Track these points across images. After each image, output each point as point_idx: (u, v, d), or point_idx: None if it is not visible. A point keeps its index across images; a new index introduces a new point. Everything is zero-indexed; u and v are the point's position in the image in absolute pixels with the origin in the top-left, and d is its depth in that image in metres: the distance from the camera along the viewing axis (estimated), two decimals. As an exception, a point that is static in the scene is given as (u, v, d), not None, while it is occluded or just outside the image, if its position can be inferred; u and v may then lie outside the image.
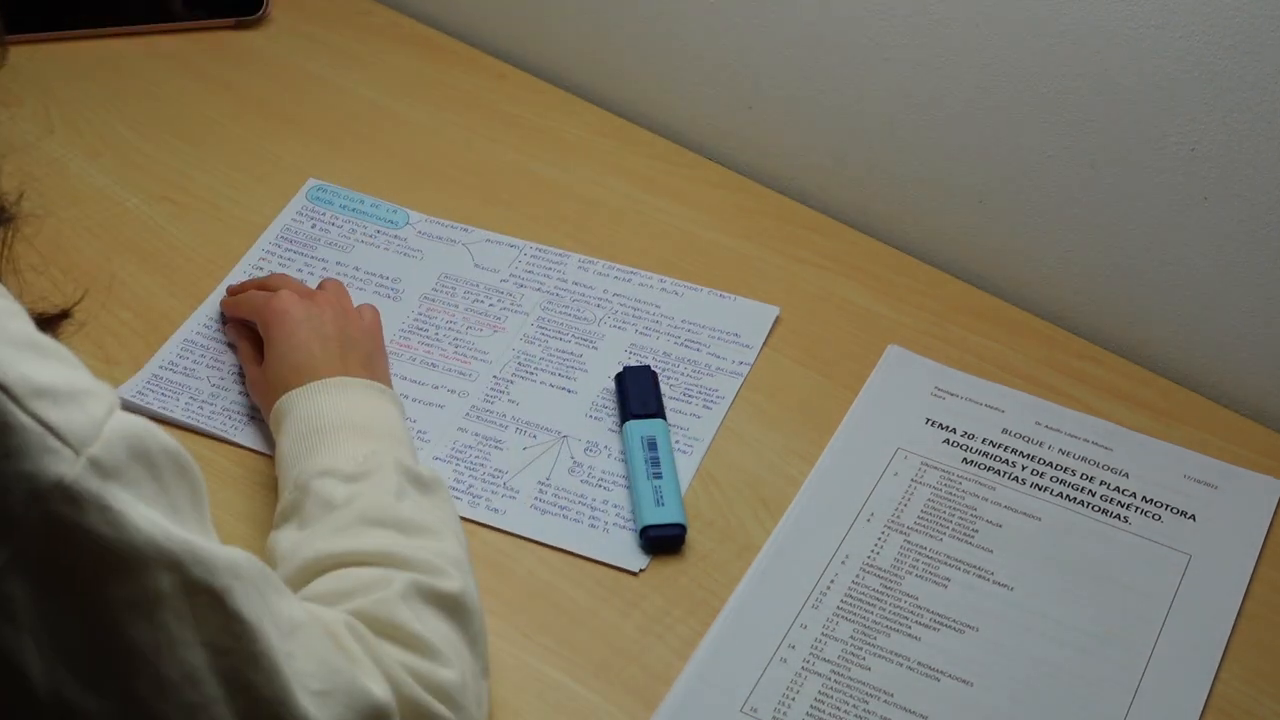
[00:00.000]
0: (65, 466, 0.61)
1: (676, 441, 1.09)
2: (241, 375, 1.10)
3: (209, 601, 0.66)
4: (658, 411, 1.09)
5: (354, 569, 0.86)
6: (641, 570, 1.01)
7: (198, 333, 1.14)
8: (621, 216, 1.27)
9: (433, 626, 0.83)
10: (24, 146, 1.28)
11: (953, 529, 1.04)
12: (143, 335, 1.14)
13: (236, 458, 1.06)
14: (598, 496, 1.05)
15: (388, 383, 1.04)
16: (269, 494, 1.03)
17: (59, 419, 0.62)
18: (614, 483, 1.06)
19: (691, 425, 1.10)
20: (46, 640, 0.63)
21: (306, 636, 0.73)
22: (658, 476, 1.04)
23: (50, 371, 0.63)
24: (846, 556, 1.02)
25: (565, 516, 1.04)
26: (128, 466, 0.64)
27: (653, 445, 1.06)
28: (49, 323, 0.83)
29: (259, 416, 1.07)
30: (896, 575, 1.01)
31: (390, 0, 1.48)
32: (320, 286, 1.10)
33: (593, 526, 1.03)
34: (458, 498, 1.05)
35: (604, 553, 1.02)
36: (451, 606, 0.85)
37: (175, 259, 1.20)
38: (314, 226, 1.24)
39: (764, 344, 1.16)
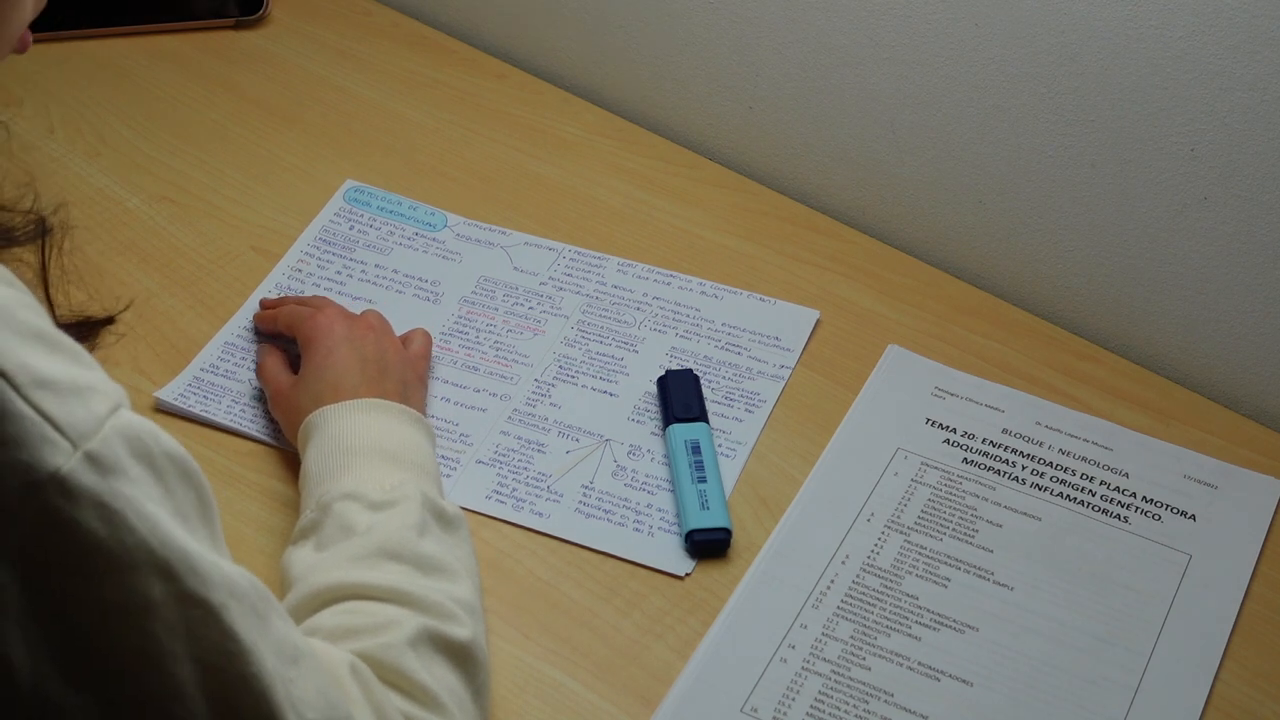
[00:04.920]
0: (62, 459, 0.61)
1: (719, 445, 1.09)
2: (259, 395, 1.10)
3: (203, 616, 0.65)
4: (700, 415, 1.09)
5: (364, 603, 0.85)
6: (688, 574, 1.01)
7: (238, 335, 1.14)
8: (621, 216, 1.27)
9: (439, 677, 0.82)
10: (24, 146, 1.28)
11: (953, 529, 1.04)
12: (143, 336, 1.14)
13: (259, 467, 1.06)
14: (641, 500, 1.05)
15: (423, 413, 1.03)
16: (295, 506, 1.03)
17: (58, 411, 0.61)
18: (658, 486, 1.06)
19: (734, 429, 1.10)
20: (33, 632, 0.62)
21: (309, 666, 0.72)
22: (702, 480, 1.04)
23: (56, 365, 0.62)
24: (846, 556, 1.02)
25: (609, 520, 1.04)
26: (129, 465, 0.63)
27: (696, 449, 1.06)
28: (91, 328, 0.83)
29: None
30: (896, 575, 1.01)
31: (390, 0, 1.48)
32: (363, 315, 1.09)
33: (637, 530, 1.03)
34: (501, 502, 1.05)
35: (649, 557, 1.02)
36: (460, 655, 0.85)
37: (175, 259, 1.20)
38: (352, 228, 1.24)
39: (804, 348, 1.16)
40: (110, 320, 0.83)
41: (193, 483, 0.68)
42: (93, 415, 0.62)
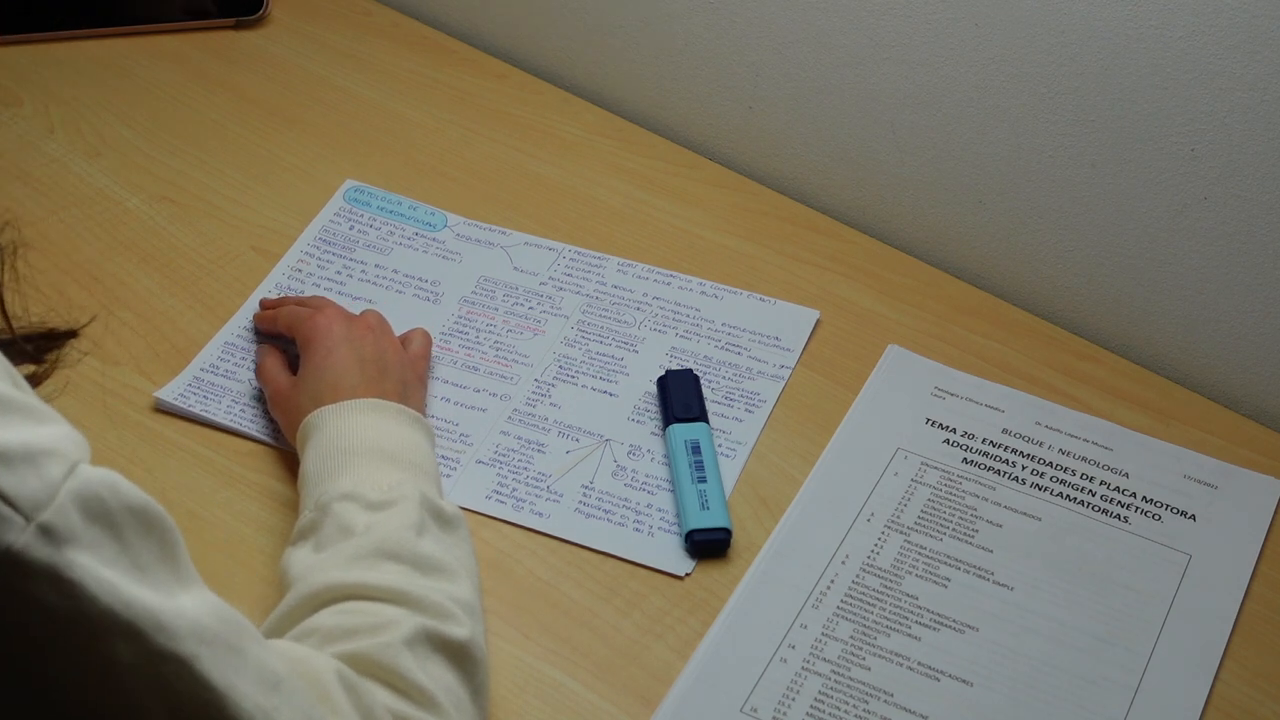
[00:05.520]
0: (14, 535, 0.59)
1: (719, 445, 1.08)
2: (259, 395, 1.10)
3: (175, 670, 0.64)
4: (700, 415, 1.09)
5: (363, 603, 0.85)
6: (688, 574, 1.01)
7: (238, 335, 1.14)
8: (621, 216, 1.27)
9: (436, 676, 0.82)
10: (24, 146, 1.28)
11: (953, 529, 1.04)
12: (143, 336, 1.14)
13: (259, 467, 1.06)
14: (641, 500, 1.05)
15: (422, 413, 1.03)
16: (295, 506, 1.03)
17: (10, 484, 0.59)
18: (658, 486, 1.06)
19: (734, 429, 1.10)
20: (6, 706, 0.61)
21: (291, 690, 0.71)
22: (702, 480, 1.04)
23: (8, 430, 0.61)
24: (846, 556, 1.02)
25: (609, 520, 1.04)
26: (84, 530, 0.62)
27: (696, 449, 1.06)
28: (54, 340, 0.82)
29: None
30: (896, 575, 1.01)
31: (390, 0, 1.48)
32: (362, 316, 1.08)
33: (637, 530, 1.03)
34: (501, 502, 1.05)
35: (649, 557, 1.02)
36: (458, 655, 0.84)
37: (175, 259, 1.20)
38: (352, 228, 1.24)
39: (804, 348, 1.16)
40: (73, 334, 0.82)
41: (154, 530, 0.66)
42: (46, 484, 0.61)
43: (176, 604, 0.65)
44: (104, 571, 0.62)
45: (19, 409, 0.62)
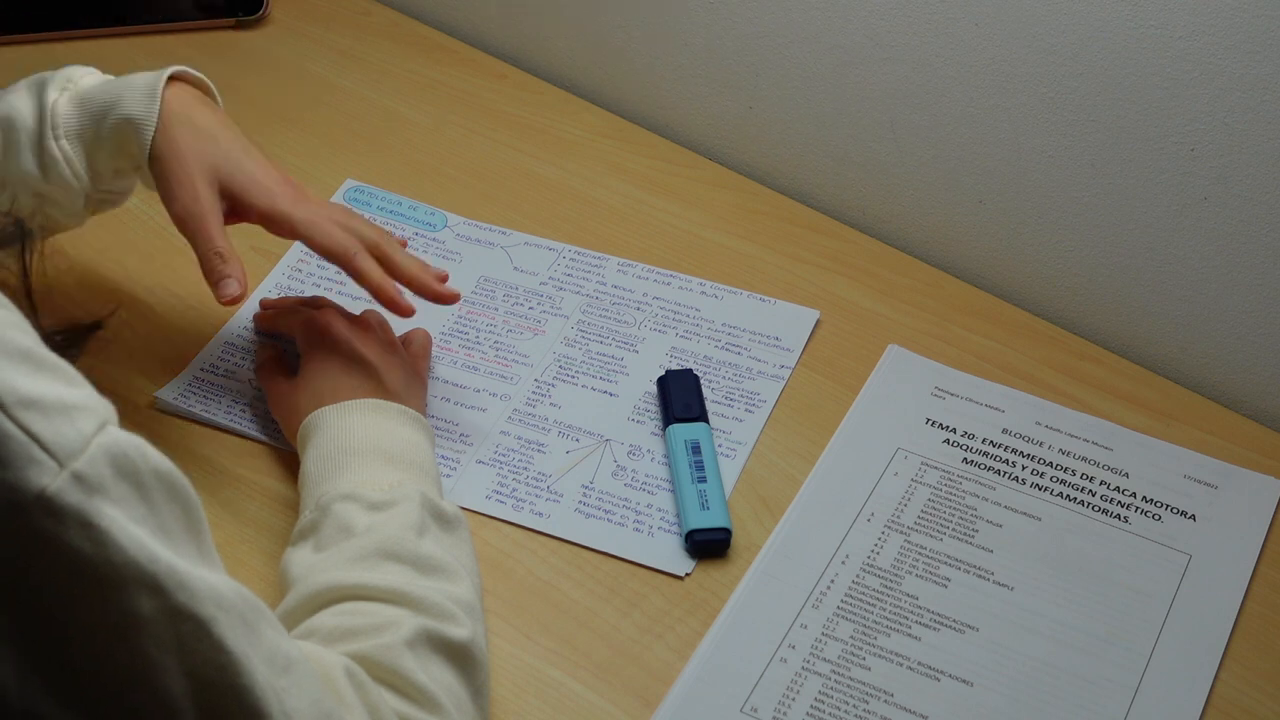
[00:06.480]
0: (48, 479, 0.60)
1: (719, 445, 1.08)
2: (259, 395, 1.09)
3: (194, 630, 0.65)
4: (701, 415, 1.09)
5: (364, 603, 0.85)
6: (688, 574, 1.01)
7: (238, 335, 1.14)
8: (621, 216, 1.27)
9: (437, 677, 0.82)
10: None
11: (953, 529, 1.04)
12: (143, 336, 1.14)
13: (259, 467, 1.06)
14: (641, 500, 1.05)
15: (423, 414, 1.03)
16: (295, 506, 1.03)
17: (45, 430, 0.61)
18: (658, 486, 1.06)
19: (734, 429, 1.10)
20: (22, 653, 0.62)
21: (301, 675, 0.71)
22: (702, 480, 1.04)
23: (43, 384, 0.62)
24: (846, 556, 1.02)
25: (609, 520, 1.04)
26: (114, 483, 0.63)
27: (696, 449, 1.06)
28: (79, 334, 0.83)
29: None
30: (896, 575, 1.01)
31: (390, 0, 1.48)
32: (363, 316, 1.08)
33: (637, 530, 1.03)
34: (501, 502, 1.05)
35: (649, 557, 1.02)
36: (459, 656, 0.85)
37: (175, 259, 1.20)
38: None
39: (804, 348, 1.16)
40: (98, 326, 0.83)
41: (179, 498, 0.67)
42: (79, 434, 0.62)
43: (199, 570, 0.66)
44: (132, 526, 0.63)
45: (52, 367, 0.64)
